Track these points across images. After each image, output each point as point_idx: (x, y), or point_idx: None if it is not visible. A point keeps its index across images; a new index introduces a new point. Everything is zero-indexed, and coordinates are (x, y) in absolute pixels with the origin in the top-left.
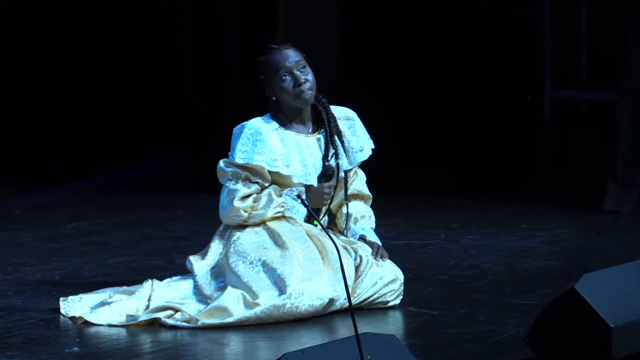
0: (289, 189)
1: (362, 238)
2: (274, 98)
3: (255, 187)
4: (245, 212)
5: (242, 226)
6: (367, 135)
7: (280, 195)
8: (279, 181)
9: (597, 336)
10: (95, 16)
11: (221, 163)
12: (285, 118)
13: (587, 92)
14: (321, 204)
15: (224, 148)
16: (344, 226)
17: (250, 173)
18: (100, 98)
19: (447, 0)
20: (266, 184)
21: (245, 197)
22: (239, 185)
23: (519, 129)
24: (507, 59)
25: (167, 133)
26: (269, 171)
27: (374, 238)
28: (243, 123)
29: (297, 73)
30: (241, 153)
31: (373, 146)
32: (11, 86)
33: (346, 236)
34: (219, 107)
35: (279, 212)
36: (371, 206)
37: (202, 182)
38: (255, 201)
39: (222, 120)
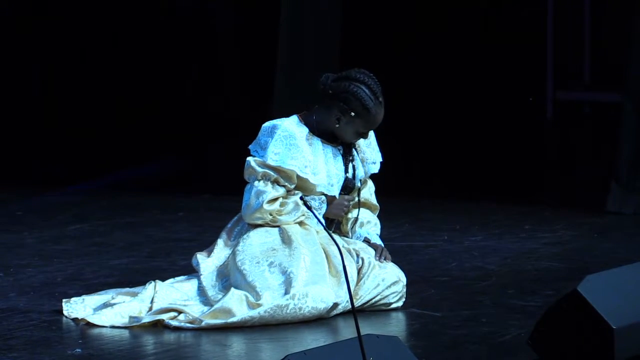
0: (310, 196)
1: (367, 241)
2: (336, 125)
3: (282, 191)
4: (271, 215)
5: (255, 224)
6: (378, 148)
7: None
8: (301, 186)
9: (599, 338)
10: (97, 16)
11: (252, 162)
12: (318, 127)
13: (590, 93)
14: (339, 216)
15: (227, 150)
16: (349, 231)
17: (280, 176)
18: (102, 99)
19: (450, 0)
20: (291, 187)
21: (273, 200)
22: (268, 187)
23: (522, 130)
24: (510, 60)
25: (170, 135)
26: (297, 177)
27: (377, 242)
28: (274, 123)
29: (369, 133)
30: (274, 155)
31: (382, 159)
32: (12, 87)
33: (350, 238)
34: (223, 109)
35: (300, 220)
36: None
37: (204, 183)
38: (281, 205)
39: (226, 123)
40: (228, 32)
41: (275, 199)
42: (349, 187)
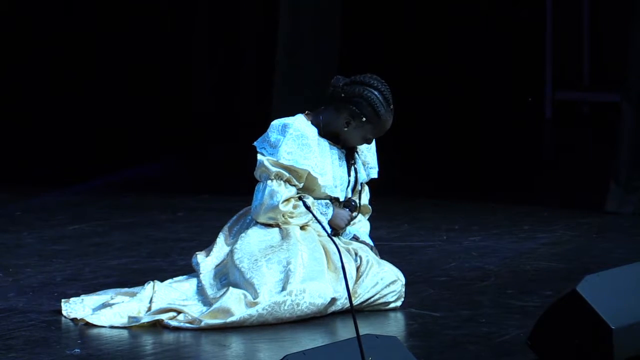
0: (318, 200)
1: (355, 238)
2: (345, 128)
3: (294, 191)
4: (284, 216)
5: (255, 222)
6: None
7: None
8: (308, 187)
9: (598, 338)
10: (98, 16)
11: (265, 161)
12: (325, 128)
13: (589, 93)
14: (339, 228)
15: (226, 150)
16: None
17: (292, 175)
18: (102, 99)
19: (448, 0)
20: (300, 187)
21: (287, 201)
22: (282, 187)
23: (521, 130)
24: (509, 61)
25: (170, 135)
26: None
27: (367, 240)
28: (285, 121)
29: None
30: (286, 154)
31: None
32: (11, 87)
33: (341, 235)
34: (222, 109)
35: (307, 221)
36: (373, 208)
37: (203, 183)
38: (294, 207)
39: (225, 123)
40: (235, 34)
41: (289, 200)
42: (351, 205)
